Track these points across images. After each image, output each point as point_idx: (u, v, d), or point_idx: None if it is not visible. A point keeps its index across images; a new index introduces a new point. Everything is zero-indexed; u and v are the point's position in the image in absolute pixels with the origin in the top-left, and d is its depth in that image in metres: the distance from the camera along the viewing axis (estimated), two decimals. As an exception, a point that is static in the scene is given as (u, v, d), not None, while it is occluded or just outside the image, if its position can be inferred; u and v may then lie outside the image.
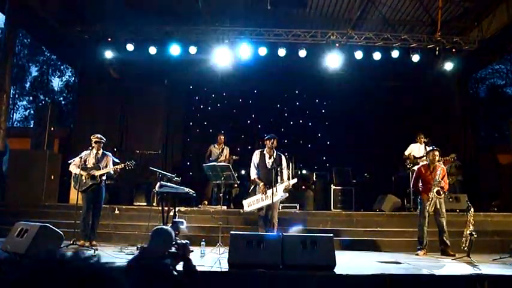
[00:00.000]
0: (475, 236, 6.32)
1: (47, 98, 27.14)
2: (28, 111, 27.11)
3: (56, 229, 5.56)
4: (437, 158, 7.26)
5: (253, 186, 7.07)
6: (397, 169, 11.16)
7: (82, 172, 6.98)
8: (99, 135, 7.27)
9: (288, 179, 7.15)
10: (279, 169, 6.86)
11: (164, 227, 5.33)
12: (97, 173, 7.03)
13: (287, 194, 6.92)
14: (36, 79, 27.08)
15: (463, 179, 10.50)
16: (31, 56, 26.00)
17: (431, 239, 7.17)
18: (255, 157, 7.03)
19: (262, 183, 6.79)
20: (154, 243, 3.91)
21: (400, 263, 6.05)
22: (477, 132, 14.78)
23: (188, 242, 4.67)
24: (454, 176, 10.26)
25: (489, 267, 5.65)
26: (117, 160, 7.43)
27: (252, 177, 7.04)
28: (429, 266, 5.79)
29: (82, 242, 6.73)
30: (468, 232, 6.40)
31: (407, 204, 9.93)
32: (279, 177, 6.84)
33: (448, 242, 6.92)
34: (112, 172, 7.15)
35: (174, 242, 4.04)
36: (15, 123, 26.67)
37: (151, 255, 3.84)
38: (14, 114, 27.03)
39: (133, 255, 4.05)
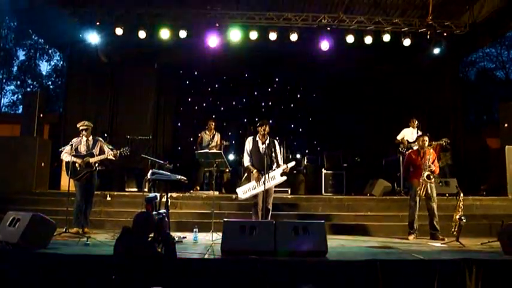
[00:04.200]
0: (464, 220, 6.42)
1: (35, 83, 26.74)
2: (16, 95, 26.70)
3: (48, 218, 5.53)
4: (426, 143, 7.31)
5: (246, 173, 7.04)
6: (387, 153, 11.22)
7: (77, 160, 6.93)
8: (85, 122, 7.19)
9: (284, 162, 7.15)
10: (273, 154, 6.85)
11: (146, 211, 5.38)
12: (92, 160, 7.00)
13: (285, 178, 6.92)
14: (24, 63, 26.61)
15: (452, 163, 10.60)
16: (18, 39, 25.49)
17: (421, 223, 7.28)
18: (248, 144, 6.96)
19: (255, 171, 6.76)
20: (137, 228, 3.96)
21: (390, 248, 6.13)
22: (466, 116, 14.88)
23: (165, 214, 4.73)
24: (443, 160, 10.34)
25: (478, 251, 5.76)
26: (110, 146, 7.38)
27: (245, 165, 6.99)
28: (419, 250, 5.89)
29: (75, 230, 6.73)
30: (457, 217, 6.51)
31: (398, 189, 10.01)
32: (275, 163, 6.84)
33: (438, 226, 7.03)
34: (113, 158, 7.09)
35: (153, 224, 4.11)
36: (3, 108, 26.33)
37: (136, 238, 3.90)
38: (2, 99, 26.69)
39: (119, 235, 4.08)
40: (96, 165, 7.11)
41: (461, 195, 6.79)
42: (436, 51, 10.82)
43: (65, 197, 7.04)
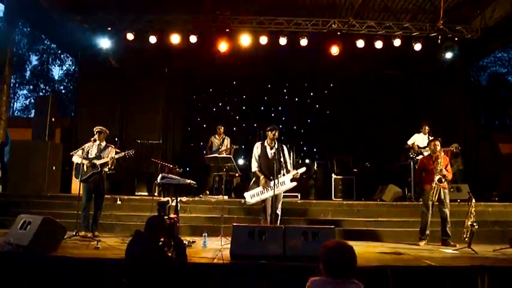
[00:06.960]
0: (476, 227, 6.34)
1: (47, 87, 27.08)
2: (29, 100, 27.09)
3: (59, 221, 5.57)
4: (438, 147, 7.24)
5: (254, 178, 7.02)
6: (398, 158, 11.15)
7: (84, 161, 6.99)
8: (102, 127, 7.27)
9: (294, 168, 7.11)
10: (282, 160, 6.80)
11: (157, 215, 5.39)
12: (98, 162, 7.05)
13: (295, 183, 6.85)
14: (37, 68, 26.97)
15: (464, 168, 10.50)
16: (31, 44, 25.83)
17: (432, 229, 7.19)
18: (256, 149, 6.92)
19: (262, 176, 6.71)
20: (149, 232, 3.97)
21: (401, 254, 6.08)
22: (478, 121, 14.71)
23: (176, 219, 4.75)
24: (455, 165, 10.24)
25: (490, 258, 5.69)
26: (117, 151, 7.42)
27: (253, 170, 6.95)
28: (430, 257, 5.82)
29: (84, 233, 6.76)
30: (469, 223, 6.43)
31: (408, 194, 9.93)
32: (284, 169, 6.78)
33: (450, 232, 6.95)
34: (109, 162, 7.14)
35: (165, 228, 4.12)
36: (16, 112, 26.65)
37: (148, 242, 3.92)
38: (15, 103, 27.02)
39: (130, 239, 4.10)
40: (106, 168, 7.14)
41: (473, 201, 6.71)
42: (447, 55, 10.74)
43: (76, 200, 7.09)
